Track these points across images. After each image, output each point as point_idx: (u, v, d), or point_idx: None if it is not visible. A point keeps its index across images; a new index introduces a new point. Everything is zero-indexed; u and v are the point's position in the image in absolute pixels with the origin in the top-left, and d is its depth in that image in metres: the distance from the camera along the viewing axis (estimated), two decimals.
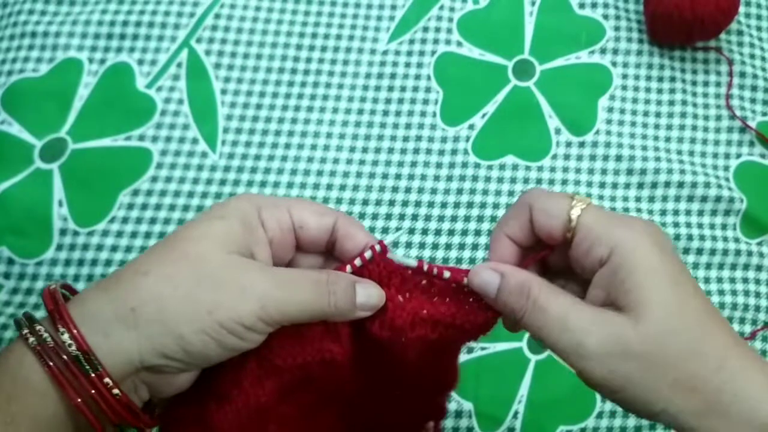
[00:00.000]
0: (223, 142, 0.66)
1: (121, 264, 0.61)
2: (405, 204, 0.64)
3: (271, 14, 0.71)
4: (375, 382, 0.41)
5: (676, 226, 0.63)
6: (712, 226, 0.63)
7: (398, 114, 0.67)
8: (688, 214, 0.63)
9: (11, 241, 0.61)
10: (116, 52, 0.69)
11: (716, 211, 0.63)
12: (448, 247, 0.62)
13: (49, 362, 0.30)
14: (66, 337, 0.30)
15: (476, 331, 0.37)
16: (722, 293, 0.61)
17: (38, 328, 0.30)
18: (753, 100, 0.68)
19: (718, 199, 0.63)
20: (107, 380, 0.30)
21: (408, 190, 0.64)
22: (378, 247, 0.36)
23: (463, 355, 0.58)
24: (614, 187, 0.64)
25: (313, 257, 0.38)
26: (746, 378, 0.32)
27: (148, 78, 0.68)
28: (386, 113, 0.67)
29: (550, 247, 0.37)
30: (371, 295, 0.36)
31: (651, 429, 0.57)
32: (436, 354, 0.39)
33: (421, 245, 0.62)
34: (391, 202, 0.64)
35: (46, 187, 0.63)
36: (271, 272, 0.34)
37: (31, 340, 0.30)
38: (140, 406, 0.33)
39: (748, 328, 0.60)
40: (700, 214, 0.63)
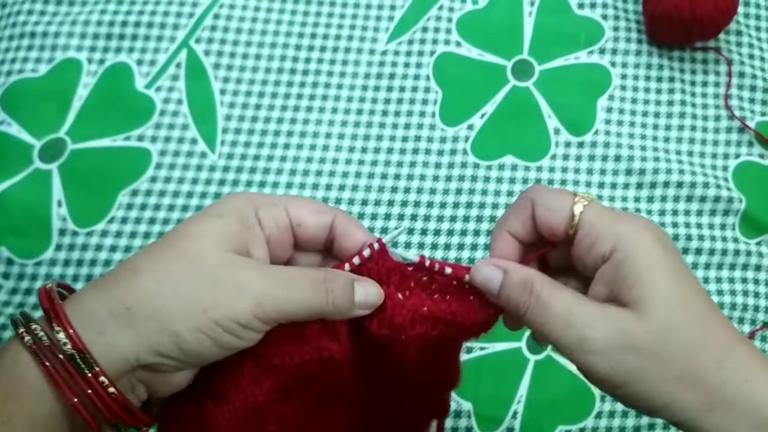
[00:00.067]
0: (222, 143, 0.66)
1: None
2: (404, 204, 0.64)
3: (270, 14, 0.71)
4: (376, 381, 0.41)
5: (675, 226, 0.63)
6: (711, 226, 0.63)
7: (397, 114, 0.67)
8: (687, 214, 0.63)
9: (10, 241, 0.61)
10: (115, 53, 0.69)
11: (715, 211, 0.63)
12: (447, 248, 0.62)
13: (45, 361, 0.30)
14: (61, 336, 0.30)
15: (477, 329, 0.37)
16: (721, 293, 0.61)
17: (34, 327, 0.30)
18: (752, 100, 0.68)
19: (717, 199, 0.63)
20: (103, 379, 0.30)
21: (407, 191, 0.64)
22: (377, 246, 0.36)
23: (463, 355, 0.57)
24: (613, 187, 0.64)
25: (312, 256, 0.38)
26: (749, 373, 0.32)
27: (147, 78, 0.68)
28: (385, 113, 0.67)
29: (551, 244, 0.37)
30: (370, 293, 0.35)
31: (650, 429, 0.57)
32: (437, 352, 0.38)
33: (420, 245, 0.62)
34: (390, 203, 0.64)
35: (46, 188, 0.63)
36: (268, 270, 0.34)
37: (27, 339, 0.30)
38: (138, 405, 0.33)
39: (747, 328, 0.60)
40: (699, 214, 0.63)
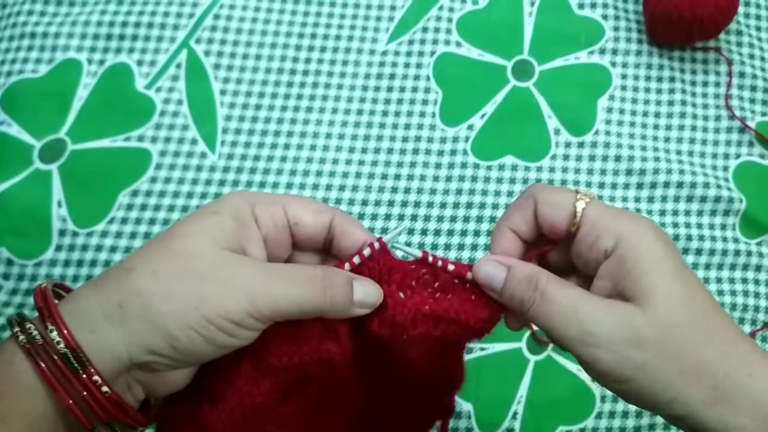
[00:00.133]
0: (222, 143, 0.66)
1: None
2: (404, 204, 0.64)
3: (270, 14, 0.71)
4: (378, 382, 0.41)
5: (676, 226, 0.63)
6: (712, 227, 0.63)
7: (397, 114, 0.67)
8: (688, 214, 0.63)
9: (10, 241, 0.61)
10: (115, 53, 0.69)
11: (715, 212, 0.63)
12: (447, 248, 0.62)
13: (39, 360, 0.30)
14: (54, 335, 0.30)
15: (479, 328, 0.37)
16: (721, 293, 0.61)
17: (28, 327, 0.30)
18: (752, 101, 0.68)
19: (718, 200, 0.63)
20: (96, 378, 0.30)
21: (407, 191, 0.64)
22: (377, 245, 0.36)
23: None
24: (613, 187, 0.64)
25: (311, 255, 0.38)
26: (752, 368, 0.32)
27: (148, 79, 0.68)
28: (385, 113, 0.67)
29: (552, 242, 0.37)
30: (369, 293, 0.35)
31: (650, 430, 0.57)
32: (439, 353, 0.38)
33: (421, 246, 0.62)
34: (391, 203, 0.64)
35: (46, 188, 0.63)
36: (263, 267, 0.34)
37: (21, 338, 0.30)
38: (136, 405, 0.33)
39: (748, 328, 0.60)
40: (700, 214, 0.63)
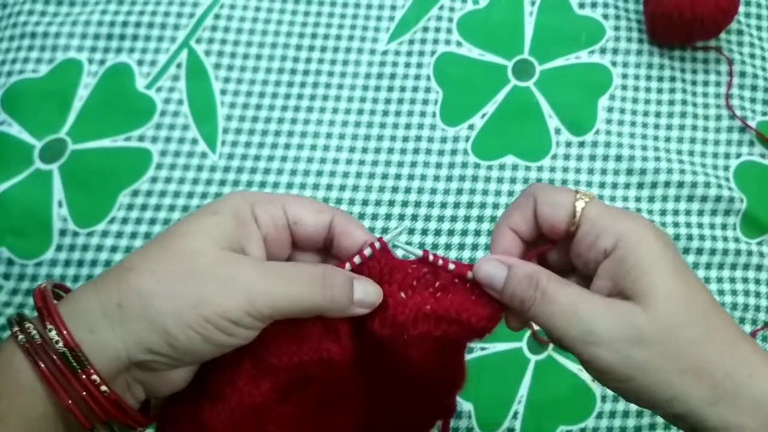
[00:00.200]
0: (222, 143, 0.66)
1: None
2: (405, 204, 0.64)
3: (270, 14, 0.71)
4: (379, 382, 0.41)
5: (676, 225, 0.63)
6: (712, 226, 0.63)
7: (398, 114, 0.67)
8: (688, 213, 0.63)
9: (11, 241, 0.61)
10: (116, 53, 0.69)
11: (716, 211, 0.63)
12: (448, 248, 0.62)
13: (38, 359, 0.30)
14: (53, 334, 0.30)
15: (481, 327, 0.37)
16: (722, 293, 0.61)
17: (27, 326, 0.30)
18: (753, 100, 0.68)
19: (718, 199, 0.63)
20: (95, 377, 0.30)
21: (408, 191, 0.64)
22: (378, 245, 0.36)
23: None
24: (614, 187, 0.64)
25: (311, 255, 0.38)
26: (753, 368, 0.32)
27: (148, 78, 0.68)
28: (386, 113, 0.67)
29: (552, 242, 0.37)
30: (369, 292, 0.35)
31: (651, 430, 0.57)
32: (440, 353, 0.38)
33: (421, 246, 0.62)
34: (391, 203, 0.64)
35: (46, 188, 0.63)
36: (262, 266, 0.34)
37: (21, 337, 0.30)
38: (137, 405, 0.33)
39: (749, 328, 0.60)
40: (700, 213, 0.63)
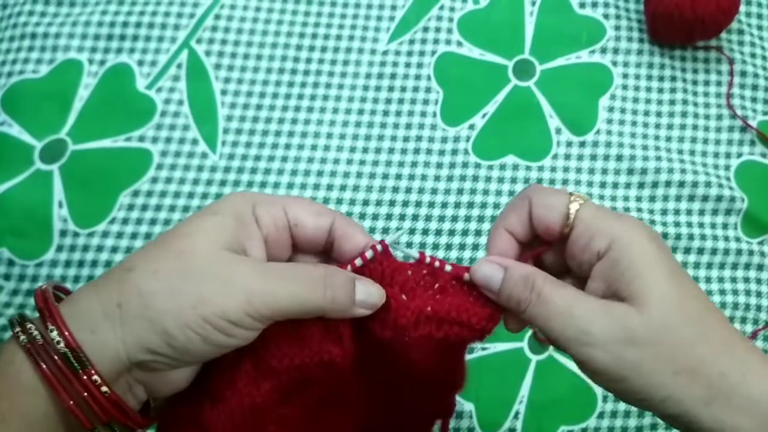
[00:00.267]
0: (223, 143, 0.66)
1: None
2: (405, 204, 0.64)
3: (271, 15, 0.71)
4: (379, 383, 0.41)
5: (677, 225, 0.63)
6: (713, 226, 0.63)
7: (398, 114, 0.67)
8: (689, 213, 0.63)
9: (11, 242, 0.61)
10: (116, 53, 0.69)
11: (717, 211, 0.63)
12: (449, 248, 0.62)
13: (39, 360, 0.30)
14: (55, 335, 0.30)
15: (481, 328, 0.37)
16: (723, 293, 0.61)
17: (29, 327, 0.31)
18: (754, 99, 0.68)
19: (719, 199, 0.63)
20: (96, 377, 0.30)
21: (408, 191, 0.64)
22: (379, 247, 0.36)
23: None
24: (615, 186, 0.64)
25: (311, 258, 0.38)
26: (747, 368, 0.32)
27: (148, 79, 0.68)
28: (386, 113, 0.67)
29: (547, 243, 0.37)
30: (371, 293, 0.35)
31: (652, 430, 0.57)
32: (441, 355, 0.38)
33: (422, 246, 0.61)
34: (392, 203, 0.64)
35: (46, 188, 0.63)
36: (261, 266, 0.34)
37: (22, 338, 0.30)
38: (138, 406, 0.33)
39: (750, 328, 0.60)
40: (701, 213, 0.63)
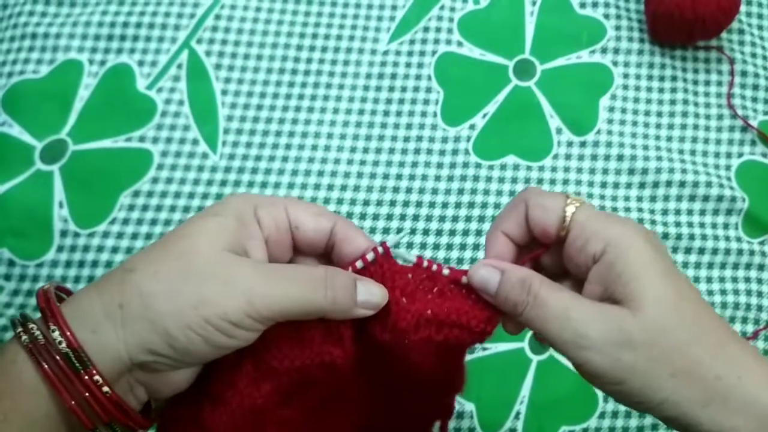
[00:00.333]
0: (223, 143, 0.66)
1: None
2: (406, 204, 0.63)
3: (271, 15, 0.71)
4: (380, 384, 0.41)
5: (678, 225, 0.63)
6: (714, 226, 0.63)
7: (399, 114, 0.67)
8: (690, 213, 0.63)
9: (12, 242, 0.61)
10: (116, 54, 0.69)
11: (718, 211, 0.63)
12: (449, 248, 0.62)
13: (41, 359, 0.30)
14: (56, 335, 0.30)
15: (480, 330, 0.37)
16: (724, 293, 0.61)
17: (31, 327, 0.31)
18: (754, 99, 0.68)
19: (720, 199, 0.63)
20: (97, 378, 0.30)
21: (409, 191, 0.64)
22: (381, 249, 0.36)
23: (465, 356, 0.57)
24: (615, 186, 0.64)
25: (312, 261, 0.38)
26: (742, 369, 0.32)
27: (149, 79, 0.68)
28: (387, 113, 0.67)
29: (544, 246, 0.37)
30: (373, 293, 0.35)
31: (653, 430, 0.57)
32: (441, 357, 0.38)
33: (422, 246, 0.61)
34: (392, 203, 0.64)
35: (47, 189, 0.63)
36: (263, 267, 0.34)
37: (24, 338, 0.30)
38: (138, 407, 0.33)
39: (751, 328, 0.60)
40: (702, 213, 0.63)
